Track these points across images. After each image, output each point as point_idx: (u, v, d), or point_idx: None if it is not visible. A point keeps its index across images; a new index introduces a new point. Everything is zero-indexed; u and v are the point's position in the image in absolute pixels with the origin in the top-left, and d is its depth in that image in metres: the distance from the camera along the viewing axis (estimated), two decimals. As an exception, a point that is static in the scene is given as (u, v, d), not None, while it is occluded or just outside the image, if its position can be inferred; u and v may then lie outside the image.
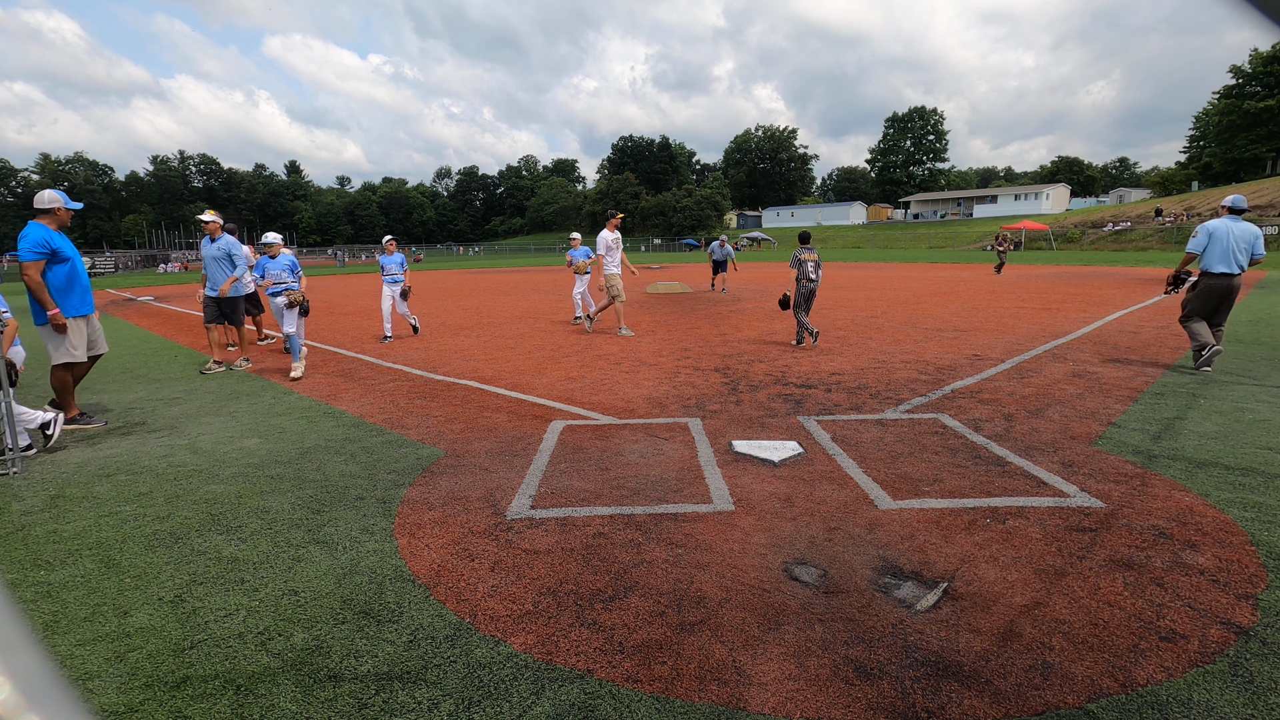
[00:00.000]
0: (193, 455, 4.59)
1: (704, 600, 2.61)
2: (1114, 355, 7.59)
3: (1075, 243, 44.31)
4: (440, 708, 2.04)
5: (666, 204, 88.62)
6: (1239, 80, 56.68)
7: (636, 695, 2.08)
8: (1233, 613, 2.46)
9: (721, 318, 12.04)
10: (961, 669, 2.17)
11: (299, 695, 2.10)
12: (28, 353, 6.15)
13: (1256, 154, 55.84)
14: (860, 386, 6.24)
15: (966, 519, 3.31)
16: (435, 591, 2.71)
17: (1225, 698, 2.02)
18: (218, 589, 2.76)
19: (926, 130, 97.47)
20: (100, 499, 3.80)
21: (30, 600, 2.70)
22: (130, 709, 2.04)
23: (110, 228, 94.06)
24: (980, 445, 4.46)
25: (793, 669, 2.18)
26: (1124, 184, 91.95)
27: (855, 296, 15.63)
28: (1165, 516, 3.30)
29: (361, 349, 9.16)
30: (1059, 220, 52.84)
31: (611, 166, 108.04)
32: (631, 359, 7.93)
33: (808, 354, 8.03)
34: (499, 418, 5.37)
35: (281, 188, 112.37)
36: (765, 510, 3.45)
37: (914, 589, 2.67)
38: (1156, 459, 4.12)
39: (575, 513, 3.47)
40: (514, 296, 17.85)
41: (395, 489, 3.84)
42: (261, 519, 3.46)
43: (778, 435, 4.76)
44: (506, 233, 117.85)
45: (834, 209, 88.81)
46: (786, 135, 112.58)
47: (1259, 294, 14.18)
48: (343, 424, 5.28)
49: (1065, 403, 5.50)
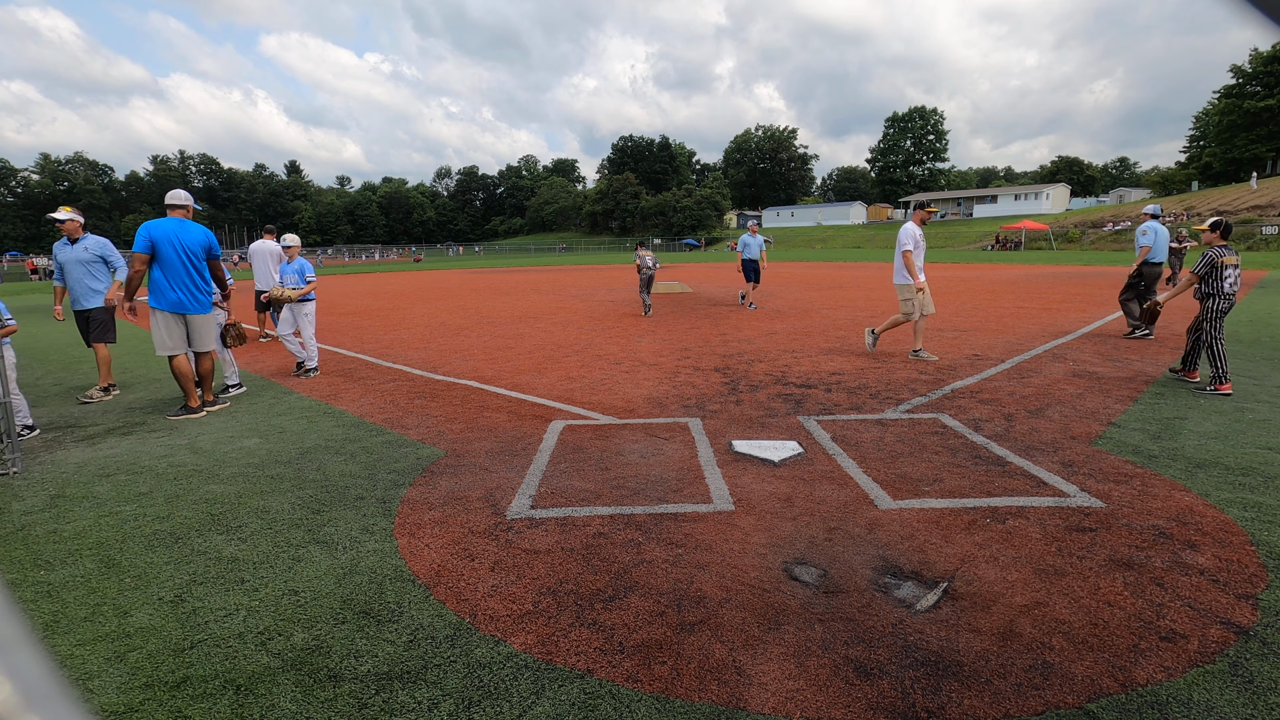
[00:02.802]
0: (193, 455, 4.59)
1: (704, 600, 2.61)
2: (1114, 355, 7.59)
3: (1075, 243, 44.30)
4: (440, 708, 2.04)
5: (666, 204, 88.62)
6: (1239, 80, 56.69)
7: (636, 695, 2.08)
8: (1233, 613, 2.46)
9: (721, 318, 12.04)
10: (961, 669, 2.17)
11: (299, 695, 2.10)
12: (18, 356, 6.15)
13: (1256, 154, 55.83)
14: (860, 386, 6.24)
15: (966, 519, 3.31)
16: (435, 591, 2.71)
17: (1225, 698, 2.02)
18: (218, 589, 2.76)
19: (927, 130, 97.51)
20: (100, 499, 3.80)
21: (30, 600, 2.70)
22: (130, 709, 2.04)
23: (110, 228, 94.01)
24: (980, 445, 4.46)
25: (793, 669, 2.18)
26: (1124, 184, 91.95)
27: (855, 296, 15.62)
28: (1165, 516, 3.30)
29: (361, 349, 9.16)
30: (1059, 220, 52.83)
31: (611, 166, 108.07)
32: (631, 359, 7.93)
33: (808, 354, 8.03)
34: (499, 417, 5.37)
35: (281, 187, 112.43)
36: (765, 510, 3.45)
37: (914, 589, 2.67)
38: (1156, 459, 4.12)
39: (575, 513, 3.47)
40: (514, 296, 17.85)
41: (395, 489, 3.84)
42: (261, 519, 3.46)
43: (778, 435, 4.76)
44: (507, 233, 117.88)
45: (834, 209, 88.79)
46: (786, 135, 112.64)
47: (1259, 294, 14.18)
48: (343, 424, 5.28)
49: (1065, 402, 5.50)
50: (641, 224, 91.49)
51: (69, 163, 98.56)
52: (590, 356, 8.17)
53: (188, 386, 5.64)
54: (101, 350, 6.55)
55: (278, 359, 8.50)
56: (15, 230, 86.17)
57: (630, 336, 9.84)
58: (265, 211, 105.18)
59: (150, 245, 5.37)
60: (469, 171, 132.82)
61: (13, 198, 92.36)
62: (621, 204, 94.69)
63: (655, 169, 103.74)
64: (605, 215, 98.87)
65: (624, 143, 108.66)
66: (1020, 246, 46.24)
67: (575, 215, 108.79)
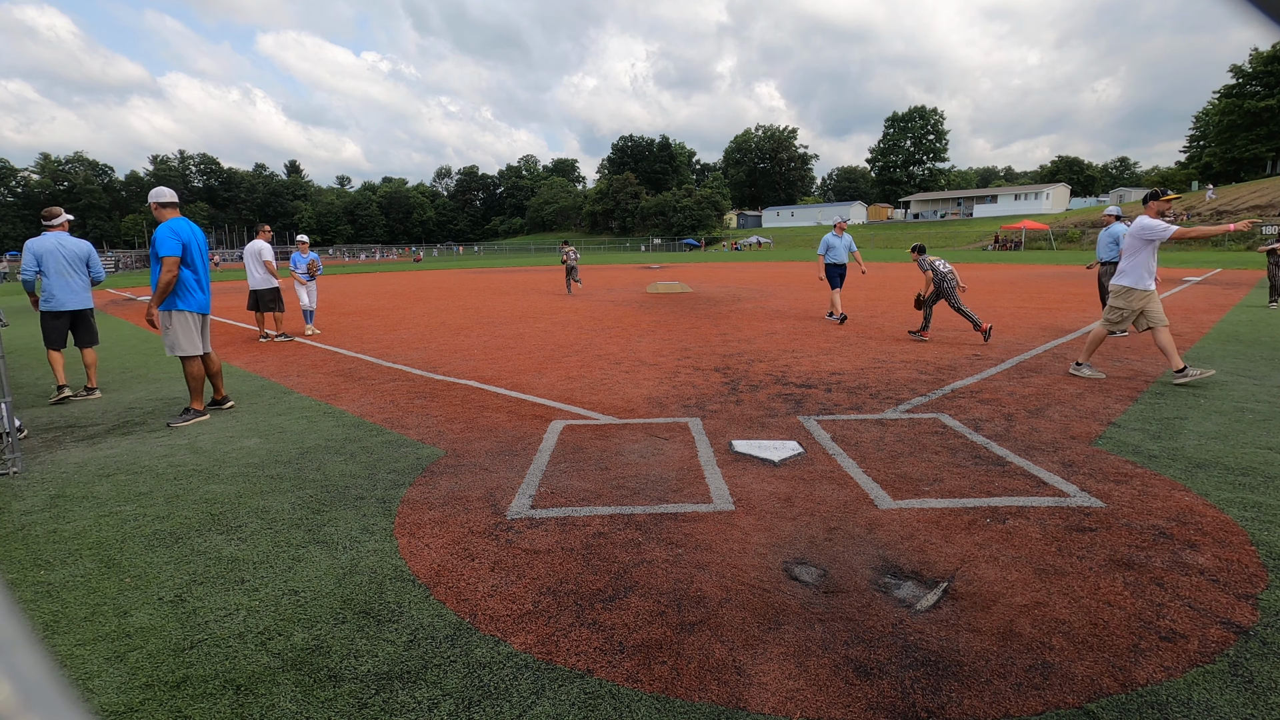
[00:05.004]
0: (193, 455, 4.59)
1: (704, 600, 2.61)
2: (1114, 355, 7.59)
3: (1075, 243, 44.29)
4: (440, 708, 2.04)
5: (666, 204, 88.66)
6: (1239, 80, 56.67)
7: (636, 695, 2.08)
8: (1233, 612, 2.46)
9: (721, 318, 12.04)
10: (961, 669, 2.17)
11: (299, 695, 2.10)
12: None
13: (1256, 154, 55.83)
14: (860, 386, 6.24)
15: (966, 519, 3.31)
16: (435, 591, 2.71)
17: (1225, 697, 2.02)
18: (218, 589, 2.76)
19: (927, 130, 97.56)
20: (100, 499, 3.80)
21: (30, 600, 2.70)
22: (130, 709, 2.04)
23: (110, 228, 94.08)
24: (980, 445, 4.46)
25: (793, 669, 2.18)
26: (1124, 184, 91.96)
27: (855, 296, 15.62)
28: (1165, 516, 3.30)
29: (361, 349, 9.16)
30: (1059, 220, 52.82)
31: (611, 166, 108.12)
32: (631, 359, 7.94)
33: (808, 354, 8.03)
34: (499, 417, 5.37)
35: (281, 187, 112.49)
36: (765, 510, 3.45)
37: (914, 589, 2.67)
38: (1156, 459, 4.12)
39: (575, 512, 3.47)
40: (513, 296, 17.85)
41: (395, 489, 3.84)
42: (261, 519, 3.46)
43: (778, 435, 4.76)
44: (507, 232, 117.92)
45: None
46: (787, 135, 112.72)
47: (1259, 293, 14.17)
48: (343, 424, 5.28)
49: (1065, 402, 5.50)
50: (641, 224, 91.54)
51: (69, 162, 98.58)
52: (590, 356, 8.17)
53: (199, 388, 5.57)
54: (91, 353, 6.66)
55: (278, 359, 8.51)
56: (15, 230, 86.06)
57: (630, 336, 9.84)
58: (265, 211, 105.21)
59: (182, 248, 5.29)
60: (469, 171, 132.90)
61: (13, 198, 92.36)
62: (621, 204, 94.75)
63: (655, 169, 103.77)
64: (605, 215, 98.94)
65: (624, 142, 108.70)
66: (1020, 246, 46.25)
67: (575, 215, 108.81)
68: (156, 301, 5.27)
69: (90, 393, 6.56)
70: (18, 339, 11.15)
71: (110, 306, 18.24)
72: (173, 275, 5.24)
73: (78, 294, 6.46)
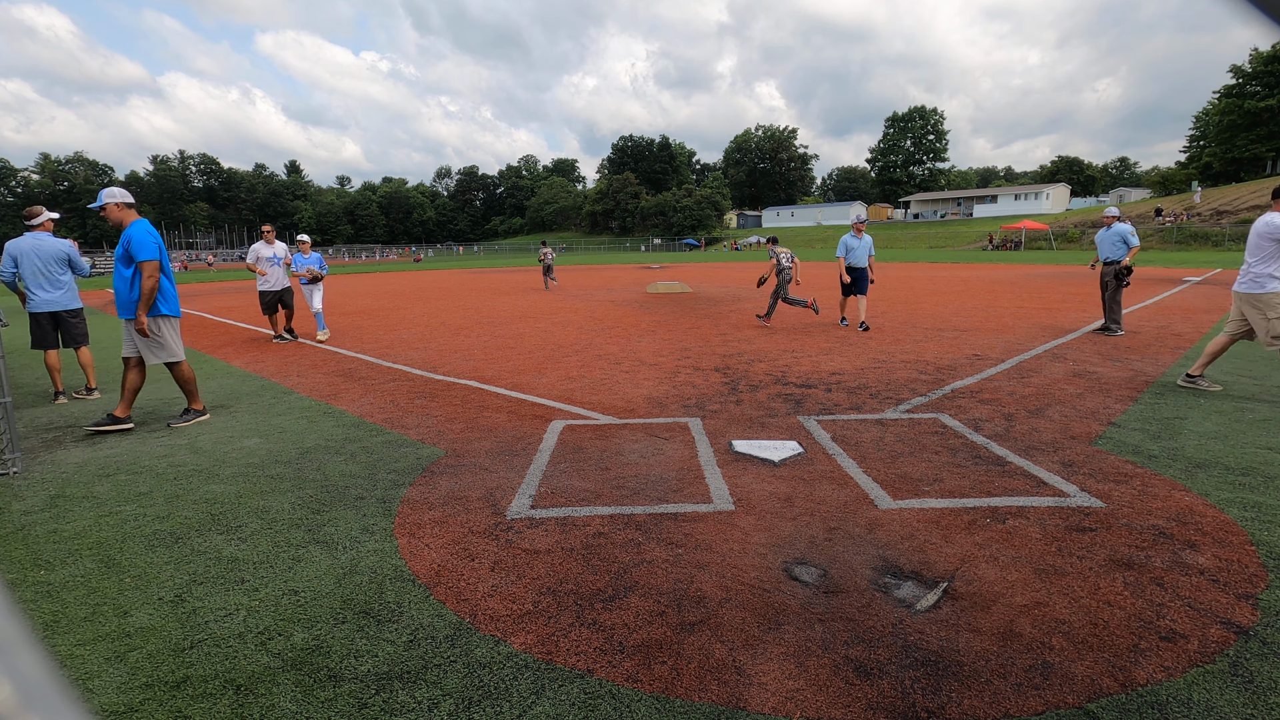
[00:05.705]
0: (193, 455, 4.59)
1: (704, 600, 2.61)
2: (1114, 355, 7.59)
3: (1075, 243, 44.30)
4: (440, 707, 2.04)
5: (666, 204, 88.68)
6: (1239, 80, 56.66)
7: (636, 695, 2.08)
8: (1233, 612, 2.46)
9: (721, 317, 12.04)
10: (961, 669, 2.17)
11: (299, 695, 2.10)
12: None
13: (1256, 154, 55.82)
14: (860, 386, 6.24)
15: (966, 519, 3.31)
16: (435, 591, 2.71)
17: (1225, 698, 2.02)
18: (218, 589, 2.76)
19: (927, 130, 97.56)
20: (100, 499, 3.80)
21: (30, 600, 2.70)
22: (130, 709, 2.04)
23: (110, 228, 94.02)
24: (980, 445, 4.46)
25: (793, 669, 2.18)
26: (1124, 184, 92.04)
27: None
28: (1165, 516, 3.30)
29: (361, 349, 9.16)
30: (1059, 220, 52.83)
31: (611, 166, 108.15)
32: (631, 359, 7.94)
33: (808, 354, 8.03)
34: (499, 417, 5.37)
35: (281, 187, 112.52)
36: (765, 510, 3.45)
37: (914, 589, 2.67)
38: (1156, 459, 4.12)
39: (575, 512, 3.47)
40: (513, 296, 17.85)
41: (395, 489, 3.84)
42: (261, 519, 3.46)
43: (778, 435, 4.76)
44: (507, 232, 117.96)
45: (834, 209, 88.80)
46: (787, 135, 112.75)
47: (1259, 294, 14.15)
48: (343, 424, 5.28)
49: (1065, 402, 5.50)
50: (641, 224, 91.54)
51: (69, 162, 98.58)
52: (590, 356, 8.17)
53: (194, 389, 5.53)
54: (86, 353, 6.65)
55: (278, 359, 8.51)
56: (16, 230, 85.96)
57: (630, 336, 9.84)
58: (265, 211, 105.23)
59: (159, 251, 5.17)
60: (469, 171, 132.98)
61: (13, 198, 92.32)
62: (621, 204, 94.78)
63: (655, 169, 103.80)
64: (605, 215, 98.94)
65: (624, 142, 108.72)
66: (1020, 246, 46.25)
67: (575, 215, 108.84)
68: (145, 309, 5.08)
69: (90, 392, 6.57)
70: (18, 339, 11.15)
71: (110, 307, 18.22)
72: (156, 280, 5.08)
73: (56, 295, 6.28)
